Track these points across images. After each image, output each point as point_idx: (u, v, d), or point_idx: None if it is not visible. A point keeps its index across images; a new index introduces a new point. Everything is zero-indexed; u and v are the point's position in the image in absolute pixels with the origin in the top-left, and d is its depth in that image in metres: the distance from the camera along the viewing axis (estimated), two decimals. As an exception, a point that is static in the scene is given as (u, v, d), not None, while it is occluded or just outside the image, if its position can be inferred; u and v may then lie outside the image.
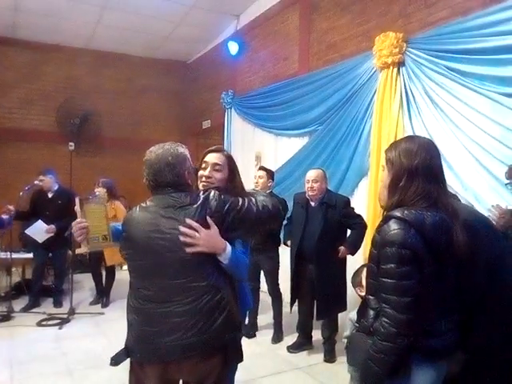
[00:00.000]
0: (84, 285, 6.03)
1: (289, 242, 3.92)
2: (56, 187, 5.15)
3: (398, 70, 3.93)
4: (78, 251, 2.99)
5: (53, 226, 4.86)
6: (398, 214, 1.50)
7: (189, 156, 1.79)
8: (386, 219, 1.55)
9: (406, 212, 1.50)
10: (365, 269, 2.58)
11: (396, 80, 3.93)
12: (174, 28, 7.00)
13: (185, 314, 1.64)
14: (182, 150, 1.77)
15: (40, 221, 4.85)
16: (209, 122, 7.89)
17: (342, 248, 3.55)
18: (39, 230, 4.83)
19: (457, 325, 1.60)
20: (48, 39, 7.36)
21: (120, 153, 8.03)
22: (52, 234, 4.87)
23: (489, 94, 3.20)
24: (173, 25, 6.88)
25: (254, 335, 4.23)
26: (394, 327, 1.46)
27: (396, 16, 4.12)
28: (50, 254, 5.16)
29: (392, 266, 1.47)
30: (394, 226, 1.49)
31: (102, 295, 5.28)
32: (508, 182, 2.41)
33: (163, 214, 1.68)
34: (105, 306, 5.15)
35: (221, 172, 1.94)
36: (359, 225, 3.61)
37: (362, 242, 3.62)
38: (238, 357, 1.79)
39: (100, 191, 5.01)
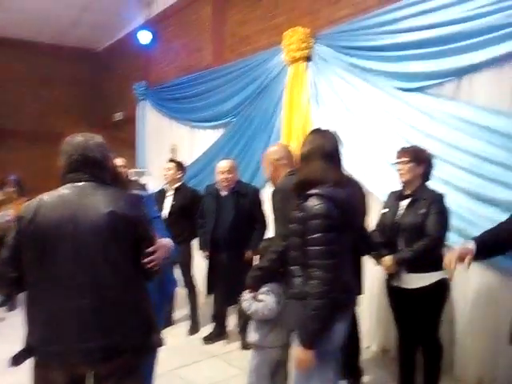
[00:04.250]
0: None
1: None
2: None
3: (307, 64, 4.08)
4: None
5: None
6: (317, 191, 1.78)
7: None
8: (305, 197, 1.80)
9: (324, 189, 1.79)
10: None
11: (304, 74, 4.08)
12: (80, 13, 6.60)
13: (91, 313, 1.56)
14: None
15: None
16: (121, 114, 7.58)
17: (248, 253, 3.60)
18: None
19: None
20: None
21: (23, 146, 7.44)
22: None
23: (386, 88, 3.43)
24: (78, 10, 6.48)
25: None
26: (325, 285, 1.73)
27: (304, 12, 4.26)
28: None
29: (319, 235, 1.75)
30: (316, 201, 1.76)
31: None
32: (395, 162, 2.64)
33: (82, 200, 1.61)
34: (10, 309, 4.73)
35: None
36: (262, 226, 3.69)
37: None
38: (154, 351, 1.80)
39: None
